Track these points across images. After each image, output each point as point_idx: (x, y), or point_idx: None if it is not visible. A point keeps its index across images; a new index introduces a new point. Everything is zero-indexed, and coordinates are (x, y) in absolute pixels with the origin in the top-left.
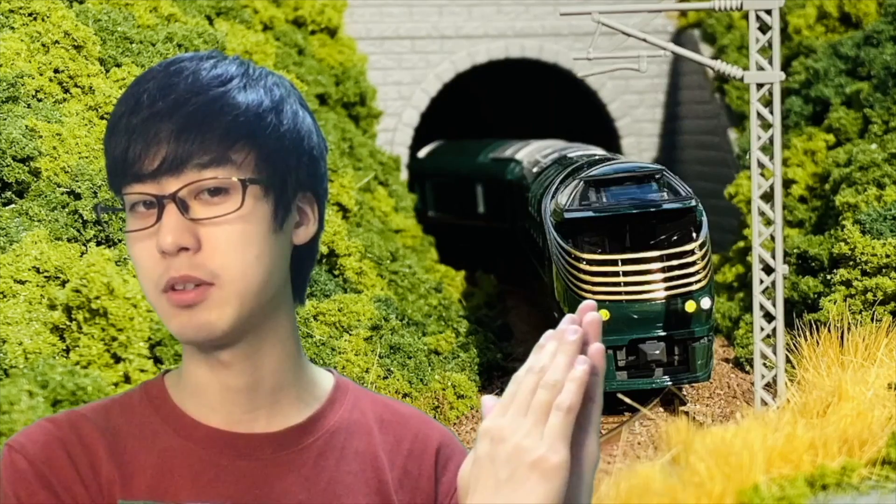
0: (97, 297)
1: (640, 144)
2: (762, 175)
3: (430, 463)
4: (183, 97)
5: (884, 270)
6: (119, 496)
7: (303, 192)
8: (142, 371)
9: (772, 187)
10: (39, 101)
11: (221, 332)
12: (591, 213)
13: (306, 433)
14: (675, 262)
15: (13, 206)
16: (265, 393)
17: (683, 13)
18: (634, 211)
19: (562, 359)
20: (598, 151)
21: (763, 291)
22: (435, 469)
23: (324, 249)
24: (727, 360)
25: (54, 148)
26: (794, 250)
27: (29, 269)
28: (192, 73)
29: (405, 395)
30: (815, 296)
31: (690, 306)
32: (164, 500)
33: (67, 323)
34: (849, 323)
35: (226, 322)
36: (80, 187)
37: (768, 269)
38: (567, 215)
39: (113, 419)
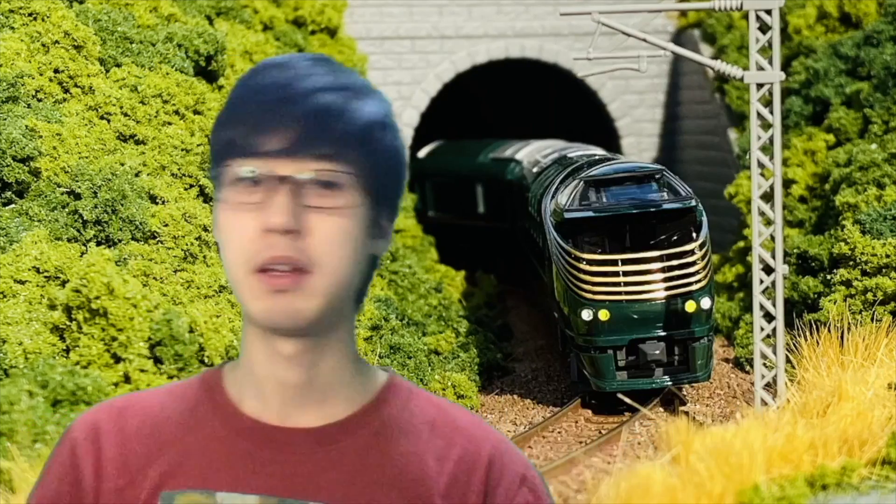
0: (97, 297)
1: (640, 144)
2: (762, 175)
3: (482, 472)
4: (318, 89)
5: (884, 270)
6: (163, 482)
7: (389, 207)
8: (142, 371)
9: (772, 187)
10: (39, 101)
11: (307, 321)
12: (591, 213)
13: (349, 431)
14: (675, 262)
15: (13, 206)
16: (318, 389)
17: (683, 13)
18: (634, 211)
19: None
20: (598, 151)
21: (763, 291)
22: (486, 479)
23: None
24: (727, 360)
25: (54, 148)
26: (794, 250)
27: (29, 269)
28: (322, 72)
29: None
30: (815, 296)
31: (690, 306)
32: (205, 489)
33: (67, 323)
34: (849, 323)
35: (313, 312)
36: (80, 187)
37: (768, 269)
38: (567, 215)
39: (167, 406)
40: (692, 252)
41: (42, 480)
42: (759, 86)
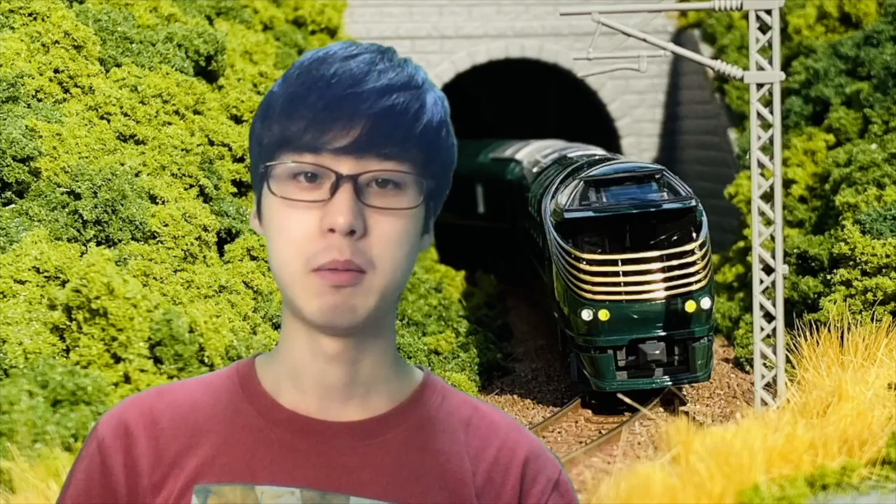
0: (97, 297)
1: (640, 144)
2: (762, 175)
3: (517, 474)
4: (385, 87)
5: (884, 270)
6: (198, 474)
7: (438, 204)
8: (142, 371)
9: (772, 187)
10: (39, 101)
11: (361, 320)
12: (591, 213)
13: (388, 426)
14: (675, 262)
15: (13, 206)
16: (359, 384)
17: (683, 13)
18: (634, 211)
19: None
20: (598, 151)
21: (763, 291)
22: (521, 481)
23: None
24: (727, 360)
25: (54, 148)
26: (794, 250)
27: (29, 269)
28: (388, 67)
29: None
30: (815, 296)
31: (690, 306)
32: (241, 481)
33: (67, 323)
34: (849, 323)
35: (367, 311)
36: (80, 187)
37: (768, 269)
38: (567, 215)
39: (200, 398)
40: (692, 252)
41: (71, 480)
42: (759, 86)
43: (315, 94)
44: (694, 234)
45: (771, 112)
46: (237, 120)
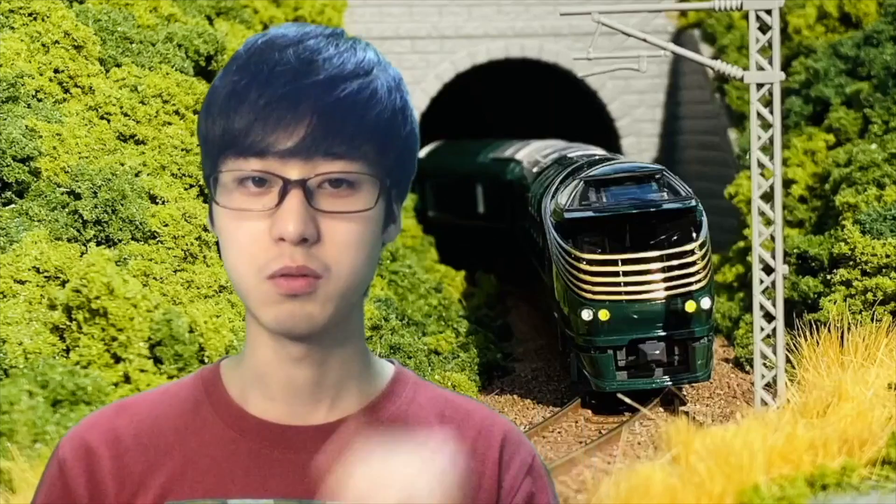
0: (97, 297)
1: (640, 144)
2: (762, 175)
3: (494, 460)
4: (330, 79)
5: (884, 270)
6: (167, 491)
7: (402, 192)
8: (142, 371)
9: (772, 187)
10: (39, 101)
11: (320, 325)
12: (591, 213)
13: (359, 426)
14: (675, 262)
15: (13, 206)
16: (328, 386)
17: (683, 13)
18: (634, 211)
19: None
20: (598, 151)
21: (763, 291)
22: (499, 466)
23: None
24: (727, 360)
25: (54, 148)
26: (794, 250)
27: (29, 269)
28: (333, 54)
29: None
30: (815, 296)
31: (690, 306)
32: (212, 496)
33: (67, 323)
34: (849, 323)
35: (325, 317)
36: (80, 187)
37: (768, 269)
38: (567, 215)
39: (164, 409)
40: (692, 252)
41: (34, 502)
42: (759, 86)
43: (255, 90)
44: (694, 234)
45: (771, 112)
46: None
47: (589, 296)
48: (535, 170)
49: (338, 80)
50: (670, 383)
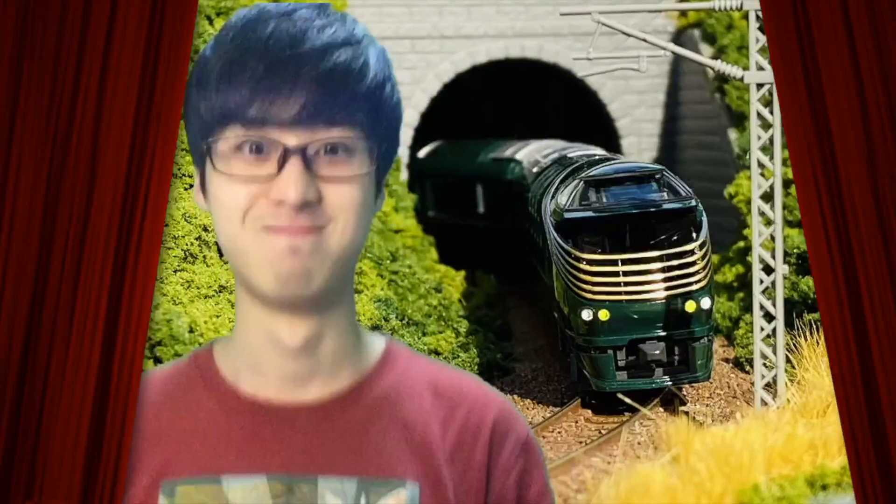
0: None
1: (640, 144)
2: (762, 175)
3: (486, 436)
4: (325, 48)
5: None
6: (163, 470)
7: (388, 164)
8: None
9: (772, 187)
10: None
11: (317, 288)
12: (591, 213)
13: (351, 402)
14: (675, 262)
15: None
16: (321, 363)
17: (683, 13)
18: (634, 211)
19: None
20: (598, 151)
21: (763, 291)
22: (490, 443)
23: None
24: (727, 360)
25: None
26: (794, 250)
27: None
28: (326, 23)
29: None
30: (815, 296)
31: (690, 306)
32: (207, 474)
33: None
34: None
35: (323, 278)
36: None
37: (768, 269)
38: (567, 215)
39: (160, 390)
40: (692, 252)
41: None
42: (759, 86)
43: (253, 59)
44: (694, 234)
45: (771, 112)
46: None
47: (589, 296)
48: (535, 170)
49: (332, 48)
50: (670, 383)
